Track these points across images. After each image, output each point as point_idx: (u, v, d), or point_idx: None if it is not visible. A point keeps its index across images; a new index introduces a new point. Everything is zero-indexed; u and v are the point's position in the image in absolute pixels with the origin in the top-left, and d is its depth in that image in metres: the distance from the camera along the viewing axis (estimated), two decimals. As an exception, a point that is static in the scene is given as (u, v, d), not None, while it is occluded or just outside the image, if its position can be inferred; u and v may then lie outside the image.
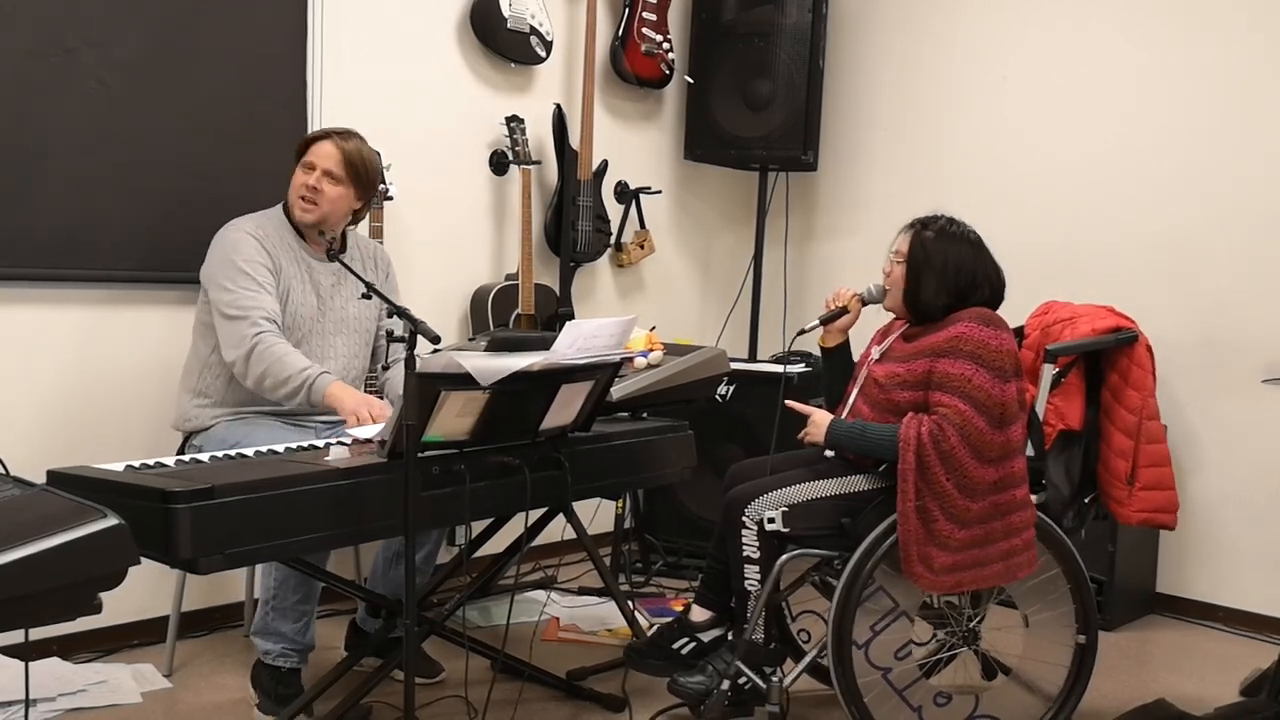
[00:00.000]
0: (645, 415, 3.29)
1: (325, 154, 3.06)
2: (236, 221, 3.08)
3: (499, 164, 4.25)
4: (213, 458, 2.55)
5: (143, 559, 1.92)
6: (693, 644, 2.92)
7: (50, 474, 2.31)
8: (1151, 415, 2.95)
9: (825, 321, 3.06)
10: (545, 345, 2.59)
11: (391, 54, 3.92)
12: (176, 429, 3.14)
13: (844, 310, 3.04)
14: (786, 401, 2.95)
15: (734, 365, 3.91)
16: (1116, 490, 2.95)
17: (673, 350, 3.38)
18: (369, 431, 2.75)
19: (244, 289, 2.95)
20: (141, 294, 3.38)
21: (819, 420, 2.87)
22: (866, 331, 3.09)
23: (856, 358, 3.10)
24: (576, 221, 4.36)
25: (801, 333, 3.07)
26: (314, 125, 3.63)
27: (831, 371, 3.12)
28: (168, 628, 3.28)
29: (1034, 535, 2.77)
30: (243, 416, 3.04)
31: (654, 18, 4.65)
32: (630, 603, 3.57)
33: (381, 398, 3.42)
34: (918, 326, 2.87)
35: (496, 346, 2.63)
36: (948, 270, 2.80)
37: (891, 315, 3.00)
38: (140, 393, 3.37)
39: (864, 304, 3.02)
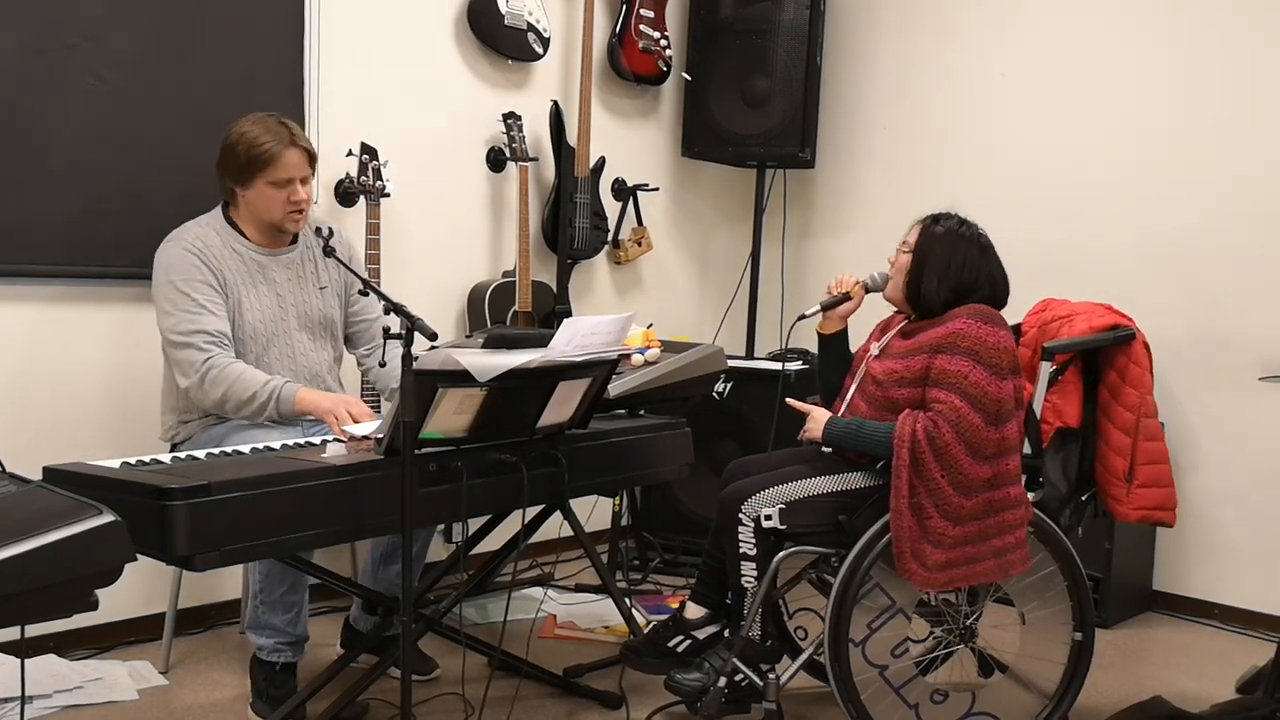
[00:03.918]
0: (642, 412, 3.29)
1: (297, 164, 2.95)
2: (174, 234, 2.98)
3: (496, 161, 4.25)
4: (209, 454, 2.55)
5: (139, 556, 1.92)
6: (688, 641, 2.92)
7: (46, 470, 2.31)
8: (1149, 413, 2.95)
9: (827, 307, 3.03)
10: (542, 342, 2.58)
11: (389, 50, 3.92)
12: (163, 440, 3.12)
13: (846, 296, 3.02)
14: (787, 400, 2.95)
15: (731, 362, 3.91)
16: (1115, 488, 2.95)
17: (670, 347, 3.37)
18: (365, 429, 2.75)
19: (184, 312, 2.87)
20: (139, 290, 3.37)
21: (817, 417, 2.87)
22: (866, 323, 3.09)
23: (855, 349, 3.09)
24: (574, 218, 4.36)
25: (802, 317, 3.05)
26: (311, 122, 3.63)
27: (828, 360, 3.10)
28: (164, 625, 3.28)
29: (1027, 534, 2.77)
30: (225, 420, 2.99)
31: (651, 14, 4.64)
32: (627, 600, 3.57)
33: (376, 395, 3.43)
34: (916, 322, 2.87)
35: (494, 343, 2.62)
36: (951, 267, 2.80)
37: (892, 309, 2.99)
38: (137, 389, 3.37)
39: (867, 291, 3.01)
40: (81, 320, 3.29)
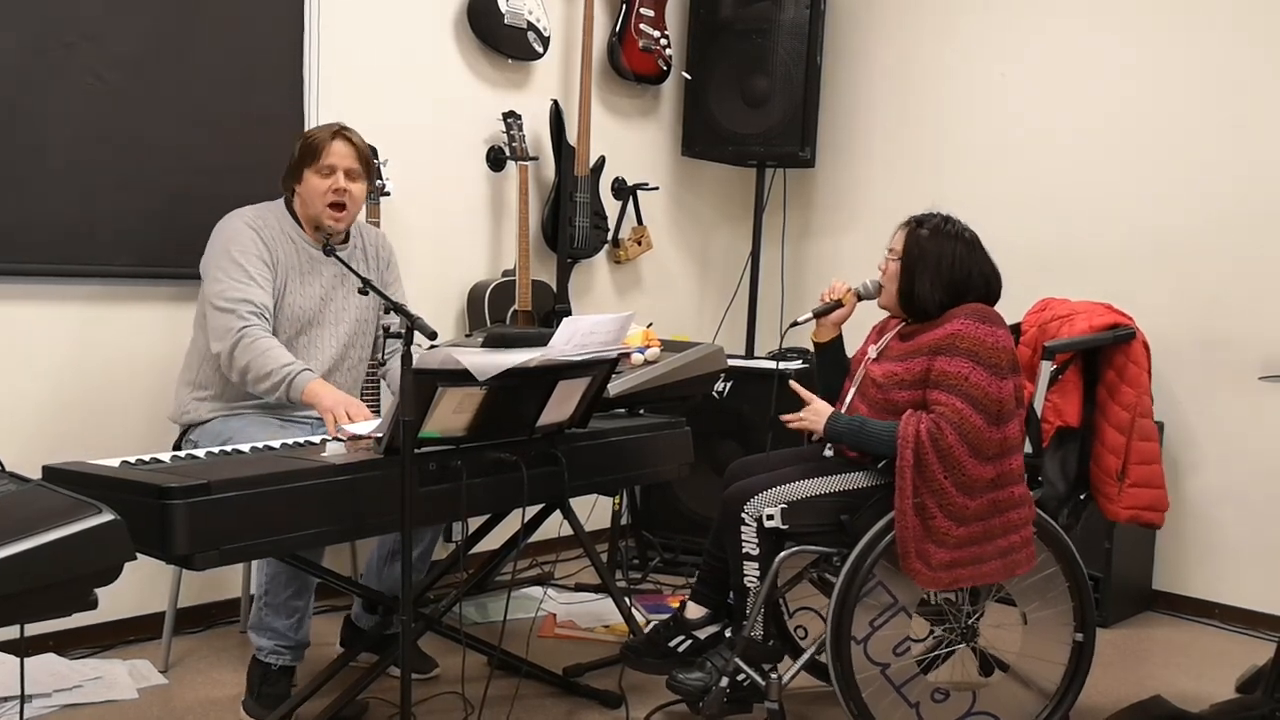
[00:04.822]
0: (642, 411, 3.29)
1: (343, 154, 3.05)
2: (237, 212, 3.08)
3: (496, 160, 4.25)
4: (209, 453, 2.55)
5: (139, 555, 1.92)
6: (689, 641, 2.92)
7: (46, 469, 2.31)
8: (1145, 413, 2.95)
9: (819, 315, 3.04)
10: (542, 341, 2.58)
11: (389, 50, 3.92)
12: (174, 421, 3.14)
13: (838, 304, 3.03)
14: (790, 382, 2.94)
15: (731, 362, 3.91)
16: (1107, 486, 2.95)
17: (670, 347, 3.37)
18: (365, 428, 2.75)
19: (235, 280, 2.95)
20: (138, 289, 3.37)
21: (819, 410, 2.86)
22: (862, 327, 3.09)
23: (850, 353, 3.10)
24: (574, 218, 4.35)
25: (794, 325, 3.06)
26: (311, 121, 3.63)
27: (825, 367, 3.11)
28: (164, 624, 3.28)
29: (1032, 533, 2.77)
30: (239, 412, 3.03)
31: (651, 14, 4.64)
32: (627, 599, 3.57)
33: (376, 395, 3.43)
34: (914, 325, 2.87)
35: (493, 342, 2.62)
36: (942, 267, 2.80)
37: (887, 313, 2.99)
38: (136, 388, 3.37)
39: (859, 299, 3.01)
40: (79, 319, 3.29)
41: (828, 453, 2.93)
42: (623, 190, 4.70)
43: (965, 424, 2.64)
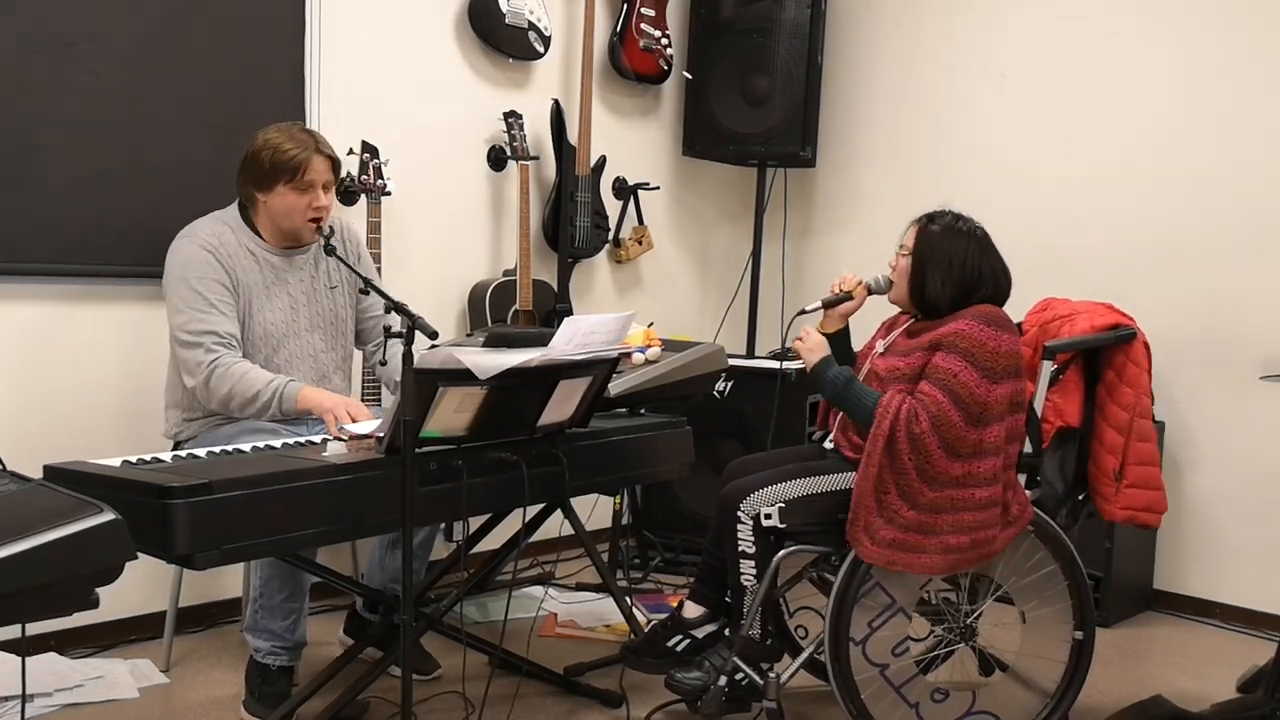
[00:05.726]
0: (643, 411, 3.29)
1: (321, 169, 2.96)
2: (190, 230, 2.98)
3: (497, 160, 4.25)
4: (209, 453, 2.55)
5: (140, 554, 1.92)
6: (687, 640, 2.92)
7: (47, 469, 2.31)
8: (1144, 413, 2.95)
9: (828, 305, 3.02)
10: (543, 341, 2.59)
11: (390, 50, 3.92)
12: (167, 437, 3.13)
13: (848, 296, 3.02)
14: (798, 317, 2.92)
15: (732, 361, 3.91)
16: (1104, 486, 2.95)
17: (671, 346, 3.37)
18: (366, 427, 2.75)
19: (196, 311, 2.87)
20: (138, 289, 3.37)
21: (815, 346, 2.87)
22: (872, 321, 3.09)
23: (858, 348, 3.10)
24: (575, 217, 4.36)
25: (803, 312, 3.04)
26: (311, 121, 3.64)
27: None
28: (165, 623, 3.28)
29: (987, 538, 2.71)
30: (232, 419, 3.00)
31: (652, 13, 4.64)
32: (628, 599, 3.57)
33: (377, 391, 3.43)
34: (923, 321, 2.87)
35: (494, 342, 2.62)
36: (953, 265, 2.80)
37: (897, 308, 2.99)
38: (137, 388, 3.37)
39: (869, 293, 3.01)
40: (80, 319, 3.29)
41: (828, 445, 2.92)
42: (624, 190, 4.70)
43: (942, 417, 2.65)
